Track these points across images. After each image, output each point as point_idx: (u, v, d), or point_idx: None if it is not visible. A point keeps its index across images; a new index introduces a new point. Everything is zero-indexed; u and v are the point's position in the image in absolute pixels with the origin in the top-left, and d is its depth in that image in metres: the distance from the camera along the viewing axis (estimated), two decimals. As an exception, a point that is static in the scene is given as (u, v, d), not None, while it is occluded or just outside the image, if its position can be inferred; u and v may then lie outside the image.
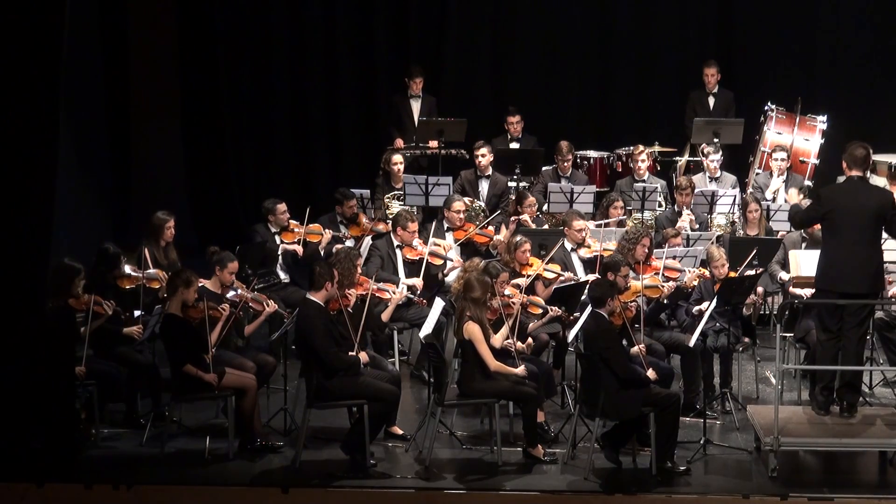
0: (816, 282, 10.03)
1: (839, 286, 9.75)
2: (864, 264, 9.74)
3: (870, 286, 9.79)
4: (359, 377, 9.79)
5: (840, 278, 9.74)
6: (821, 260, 9.96)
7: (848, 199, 9.81)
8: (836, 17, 16.35)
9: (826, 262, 9.88)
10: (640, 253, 11.25)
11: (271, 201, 12.77)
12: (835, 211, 9.79)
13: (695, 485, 9.49)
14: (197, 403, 10.49)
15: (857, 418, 9.84)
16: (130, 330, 10.52)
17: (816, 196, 10.26)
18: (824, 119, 14.84)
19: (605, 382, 9.57)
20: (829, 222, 9.84)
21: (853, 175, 9.94)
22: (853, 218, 9.74)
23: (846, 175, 10.06)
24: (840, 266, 9.75)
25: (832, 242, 9.85)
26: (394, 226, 12.21)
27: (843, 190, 10.07)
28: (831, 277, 9.80)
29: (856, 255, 9.73)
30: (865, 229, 9.75)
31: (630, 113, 16.67)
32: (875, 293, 9.94)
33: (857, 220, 9.73)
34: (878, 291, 10.00)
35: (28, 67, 9.49)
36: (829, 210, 9.82)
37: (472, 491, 9.43)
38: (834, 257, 9.81)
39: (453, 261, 12.28)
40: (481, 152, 14.02)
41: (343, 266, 10.55)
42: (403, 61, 16.46)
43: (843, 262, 9.74)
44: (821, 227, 10.18)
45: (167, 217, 11.85)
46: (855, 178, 9.93)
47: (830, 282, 9.81)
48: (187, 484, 9.49)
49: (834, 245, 9.82)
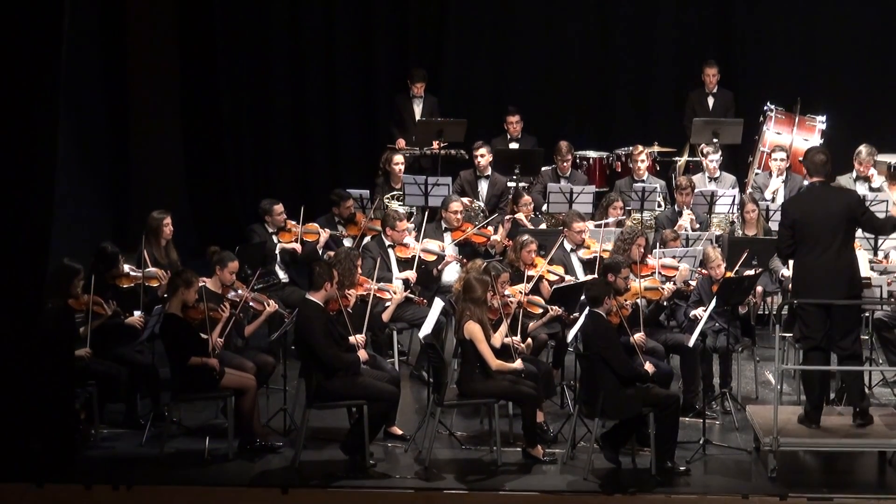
0: (793, 293, 9.90)
1: (816, 295, 9.59)
2: (839, 270, 9.59)
3: (846, 291, 9.62)
4: (358, 377, 9.79)
5: (816, 287, 9.59)
6: (794, 270, 9.84)
7: (812, 206, 9.67)
8: (836, 17, 16.34)
9: (799, 272, 9.75)
10: (636, 253, 11.24)
11: (268, 202, 12.77)
12: (801, 220, 9.65)
13: (694, 485, 9.49)
14: (196, 404, 10.50)
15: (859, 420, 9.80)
16: (133, 320, 10.54)
17: (782, 212, 10.08)
18: (823, 119, 14.83)
19: (605, 382, 9.57)
20: (798, 233, 9.67)
21: (815, 181, 9.82)
22: (820, 225, 9.59)
23: (808, 182, 9.94)
24: (814, 274, 9.61)
25: (803, 251, 9.68)
26: (383, 226, 12.23)
27: (806, 197, 9.96)
28: (807, 287, 9.65)
29: (828, 261, 9.57)
30: (835, 234, 9.58)
31: (629, 113, 16.67)
32: (854, 297, 9.74)
33: (824, 226, 9.59)
34: (856, 295, 9.80)
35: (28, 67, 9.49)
36: (794, 220, 9.68)
37: (472, 491, 9.43)
38: (806, 266, 9.67)
39: (447, 256, 12.28)
40: (480, 152, 14.02)
41: (343, 266, 10.56)
42: (403, 61, 16.46)
43: (816, 270, 9.60)
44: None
45: (163, 215, 11.81)
46: (817, 184, 9.80)
47: (806, 291, 9.65)
48: (187, 484, 9.49)
49: (805, 253, 9.67)
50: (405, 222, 12.27)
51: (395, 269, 12.06)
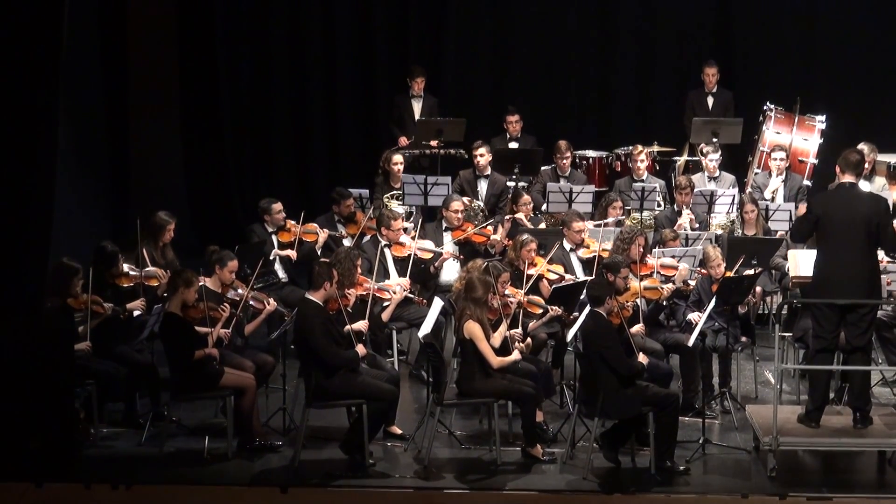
0: (811, 292, 9.83)
1: (834, 296, 9.52)
2: (859, 272, 9.52)
3: (866, 294, 9.55)
4: (358, 376, 9.80)
5: (835, 288, 9.52)
6: (815, 269, 9.73)
7: (839, 206, 9.59)
8: (836, 17, 16.36)
9: (820, 272, 9.66)
10: (635, 252, 11.24)
11: (267, 201, 12.77)
12: (826, 218, 9.58)
13: (694, 484, 9.49)
14: (196, 403, 10.51)
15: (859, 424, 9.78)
16: (134, 304, 10.57)
17: (808, 204, 10.03)
18: (823, 119, 14.83)
19: (604, 382, 9.57)
20: (821, 230, 9.61)
21: (845, 181, 9.71)
22: (845, 225, 9.52)
23: (839, 180, 9.82)
24: (834, 275, 9.54)
25: (825, 251, 9.61)
26: (378, 227, 12.23)
27: (834, 196, 9.83)
28: (826, 287, 9.58)
29: (850, 263, 9.50)
30: (858, 236, 9.50)
31: (629, 113, 16.68)
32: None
33: (849, 226, 9.51)
34: (875, 299, 9.74)
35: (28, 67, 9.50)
36: (819, 217, 9.61)
37: (471, 490, 9.43)
38: (827, 266, 9.59)
39: (444, 252, 12.28)
40: (480, 152, 14.02)
41: (343, 266, 10.56)
42: (403, 61, 16.47)
43: (837, 271, 9.53)
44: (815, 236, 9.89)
45: (169, 219, 11.79)
46: (847, 183, 9.69)
47: (825, 292, 9.58)
48: (186, 483, 9.49)
49: (827, 253, 9.60)
50: (400, 221, 12.27)
51: (392, 268, 12.05)
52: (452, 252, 12.38)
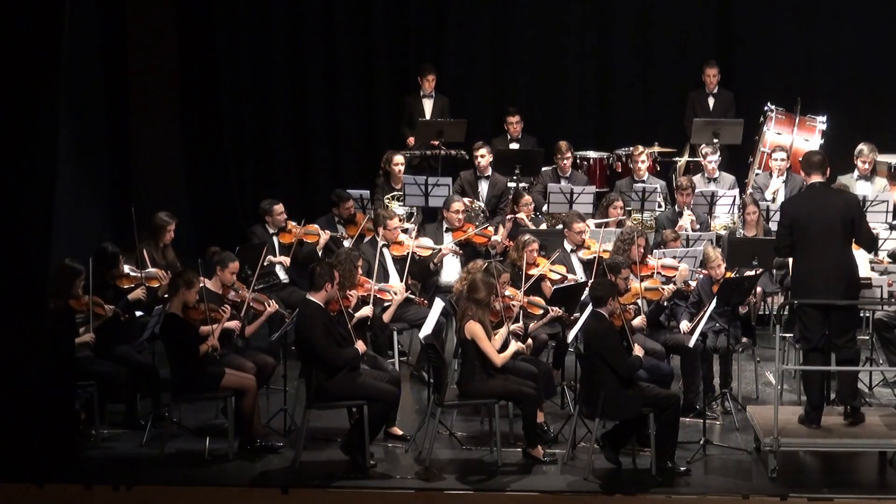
0: (791, 294, 9.85)
1: (814, 296, 9.53)
2: (837, 271, 9.53)
3: (844, 292, 9.56)
4: (359, 377, 9.79)
5: (814, 288, 9.54)
6: (793, 271, 9.78)
7: (813, 207, 9.61)
8: (836, 18, 16.35)
9: (798, 274, 9.69)
10: (636, 253, 11.24)
11: (268, 202, 12.77)
12: (800, 220, 9.59)
13: (694, 485, 9.49)
14: (197, 404, 10.49)
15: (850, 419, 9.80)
16: (135, 294, 10.57)
17: (781, 211, 10.02)
18: (824, 119, 14.83)
19: (605, 382, 9.57)
20: (797, 233, 9.61)
21: (813, 182, 9.73)
22: (819, 225, 9.53)
23: (807, 182, 9.85)
24: (812, 276, 9.56)
25: (800, 252, 9.63)
26: (375, 227, 12.22)
27: (806, 198, 9.85)
28: (805, 288, 9.60)
29: (827, 262, 9.52)
30: (834, 234, 9.52)
31: (630, 113, 16.66)
32: (852, 298, 9.69)
33: (823, 226, 9.52)
34: (854, 296, 9.75)
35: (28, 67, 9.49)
36: (792, 220, 9.62)
37: (472, 492, 9.43)
38: (805, 267, 9.62)
39: (443, 248, 12.27)
40: (481, 153, 14.01)
41: (344, 267, 10.56)
42: (403, 61, 16.46)
43: (815, 272, 9.55)
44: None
45: (170, 220, 11.80)
46: (816, 184, 9.72)
47: (805, 292, 9.60)
48: (187, 484, 9.49)
49: (803, 254, 9.62)
50: (396, 220, 12.26)
51: (392, 268, 12.05)
52: (451, 248, 12.36)
